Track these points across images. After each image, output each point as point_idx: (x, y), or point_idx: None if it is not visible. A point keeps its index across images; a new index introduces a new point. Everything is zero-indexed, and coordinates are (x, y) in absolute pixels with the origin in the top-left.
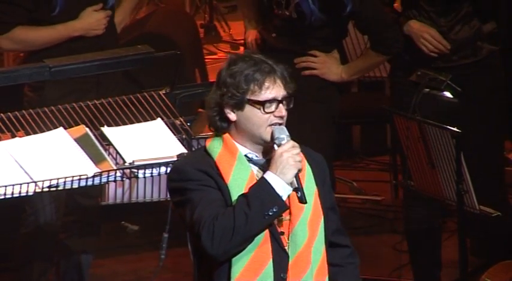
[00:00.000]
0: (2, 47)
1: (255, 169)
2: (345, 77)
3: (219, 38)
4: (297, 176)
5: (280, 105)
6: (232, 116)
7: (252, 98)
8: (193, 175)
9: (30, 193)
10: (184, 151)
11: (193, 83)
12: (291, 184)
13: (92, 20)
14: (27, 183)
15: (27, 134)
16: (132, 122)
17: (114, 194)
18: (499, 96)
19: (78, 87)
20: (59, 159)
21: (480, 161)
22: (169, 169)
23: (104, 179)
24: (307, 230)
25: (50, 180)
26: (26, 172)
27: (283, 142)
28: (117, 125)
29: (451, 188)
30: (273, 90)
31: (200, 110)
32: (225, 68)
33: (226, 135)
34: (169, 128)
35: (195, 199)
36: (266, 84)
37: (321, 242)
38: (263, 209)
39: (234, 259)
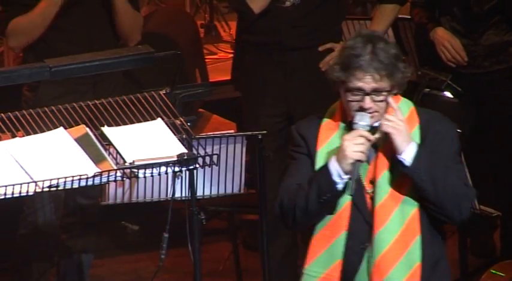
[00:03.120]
0: (12, 47)
1: None
2: None
3: (219, 38)
4: (356, 166)
5: None
6: None
7: None
8: (296, 141)
9: (30, 193)
10: (185, 150)
11: (194, 83)
12: (350, 172)
13: None
14: (28, 183)
15: (28, 134)
16: (132, 122)
17: (114, 194)
18: None
19: (75, 88)
20: (59, 159)
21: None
22: (169, 169)
23: (104, 179)
24: (390, 204)
25: (50, 180)
26: (26, 172)
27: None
28: (117, 125)
29: None
30: None
31: (200, 110)
32: None
33: (338, 104)
34: (170, 128)
35: (290, 166)
36: None
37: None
38: (319, 194)
39: (317, 225)
